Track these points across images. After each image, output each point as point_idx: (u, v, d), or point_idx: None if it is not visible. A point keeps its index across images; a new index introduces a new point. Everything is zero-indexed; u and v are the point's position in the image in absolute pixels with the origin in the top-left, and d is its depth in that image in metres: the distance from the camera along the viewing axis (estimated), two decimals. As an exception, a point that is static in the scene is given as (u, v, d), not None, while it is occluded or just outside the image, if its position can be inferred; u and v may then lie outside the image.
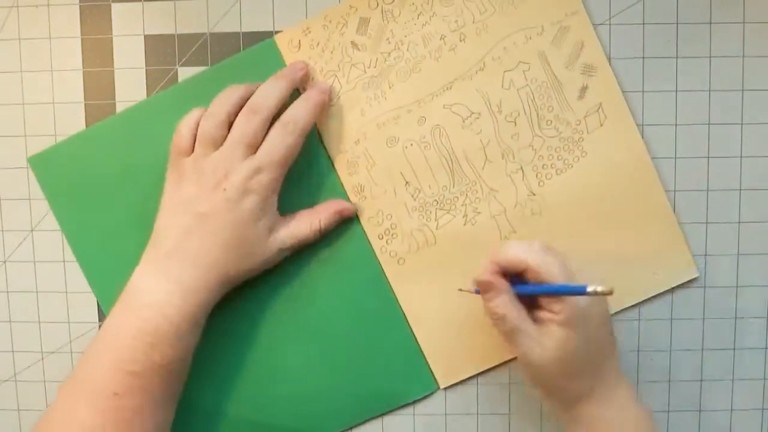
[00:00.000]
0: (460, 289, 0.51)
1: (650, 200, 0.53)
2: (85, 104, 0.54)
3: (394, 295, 0.54)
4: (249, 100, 0.49)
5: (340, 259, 0.54)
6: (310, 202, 0.53)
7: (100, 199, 0.52)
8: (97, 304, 0.55)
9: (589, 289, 0.43)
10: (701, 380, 0.55)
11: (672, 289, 0.54)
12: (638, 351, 0.55)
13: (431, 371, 0.54)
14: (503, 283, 0.47)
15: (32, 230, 0.55)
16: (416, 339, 0.54)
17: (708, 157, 0.53)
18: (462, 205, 0.53)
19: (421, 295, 0.54)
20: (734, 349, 0.54)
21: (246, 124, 0.49)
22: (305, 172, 0.53)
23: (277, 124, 0.49)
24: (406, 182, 0.53)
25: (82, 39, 0.53)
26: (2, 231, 0.55)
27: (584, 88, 0.52)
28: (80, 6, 0.53)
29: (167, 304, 0.47)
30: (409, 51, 0.52)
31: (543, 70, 0.52)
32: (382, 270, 0.54)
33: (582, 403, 0.47)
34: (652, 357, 0.54)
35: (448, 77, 0.53)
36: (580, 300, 0.45)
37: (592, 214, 0.53)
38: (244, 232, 0.48)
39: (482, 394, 0.55)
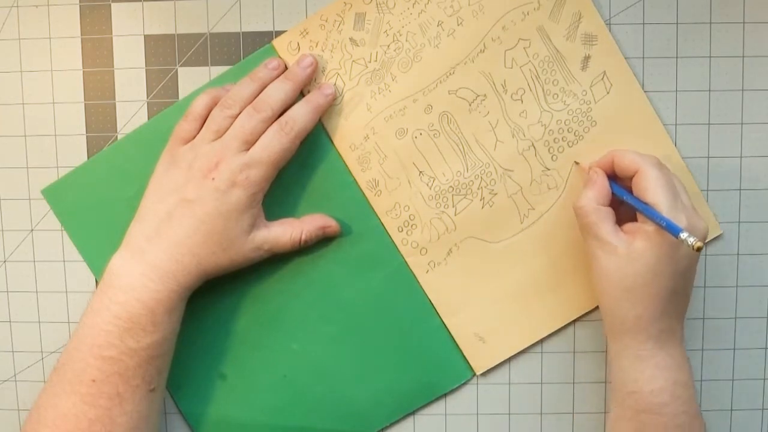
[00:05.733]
0: (576, 162, 0.52)
1: (665, 162, 0.52)
2: (85, 104, 0.54)
3: (420, 286, 0.54)
4: (255, 99, 0.50)
5: (363, 258, 0.54)
6: (324, 204, 0.53)
7: (116, 224, 0.51)
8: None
9: (683, 235, 0.42)
10: (701, 380, 0.55)
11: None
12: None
13: (465, 359, 0.54)
14: (601, 179, 0.48)
15: (32, 230, 0.55)
16: (447, 328, 0.54)
17: (708, 157, 0.53)
18: (478, 188, 0.53)
19: (447, 282, 0.54)
20: (734, 349, 0.55)
21: (246, 120, 0.49)
22: (318, 174, 0.53)
23: (275, 124, 0.49)
24: (420, 172, 0.53)
25: (82, 39, 0.53)
26: (2, 231, 0.55)
27: (587, 58, 0.52)
28: (80, 6, 0.53)
29: (142, 288, 0.47)
30: (408, 41, 0.52)
31: (544, 44, 0.52)
32: (406, 262, 0.54)
33: (626, 337, 0.47)
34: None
35: (450, 63, 0.52)
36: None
37: None
38: (224, 225, 0.48)
39: (483, 394, 0.55)
